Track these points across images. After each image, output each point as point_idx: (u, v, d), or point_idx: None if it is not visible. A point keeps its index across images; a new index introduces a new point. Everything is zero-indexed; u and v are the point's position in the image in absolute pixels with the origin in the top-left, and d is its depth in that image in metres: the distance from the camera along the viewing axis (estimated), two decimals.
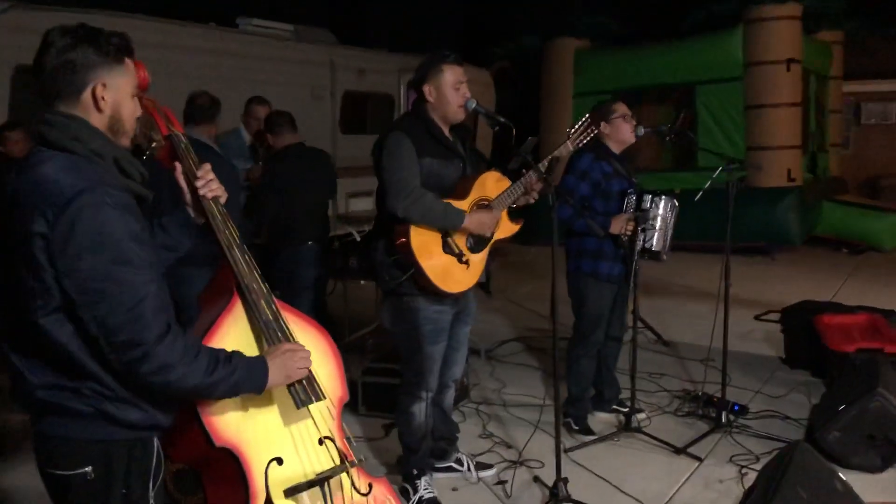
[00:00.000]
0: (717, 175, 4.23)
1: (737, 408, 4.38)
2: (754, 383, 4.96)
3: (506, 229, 3.43)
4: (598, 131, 3.80)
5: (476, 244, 3.31)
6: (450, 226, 3.19)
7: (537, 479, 3.67)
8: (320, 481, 2.05)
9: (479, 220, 3.24)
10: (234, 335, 2.00)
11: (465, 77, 3.27)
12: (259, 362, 1.90)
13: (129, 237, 1.66)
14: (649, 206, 3.98)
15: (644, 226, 3.95)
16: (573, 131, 3.53)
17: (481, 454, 3.93)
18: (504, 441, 4.13)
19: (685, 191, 4.50)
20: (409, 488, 3.43)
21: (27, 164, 1.71)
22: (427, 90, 3.25)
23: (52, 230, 1.61)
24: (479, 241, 3.33)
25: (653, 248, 4.03)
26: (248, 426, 1.97)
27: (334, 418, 2.19)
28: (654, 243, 4.02)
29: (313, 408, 2.09)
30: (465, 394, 4.76)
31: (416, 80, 3.31)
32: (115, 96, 1.78)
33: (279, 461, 2.00)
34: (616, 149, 4.16)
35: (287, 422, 2.06)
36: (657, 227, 4.01)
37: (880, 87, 14.37)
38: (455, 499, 3.52)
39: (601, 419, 4.43)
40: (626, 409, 4.28)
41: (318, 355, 2.16)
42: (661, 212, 4.02)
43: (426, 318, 3.28)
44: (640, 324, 4.63)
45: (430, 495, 3.41)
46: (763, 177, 9.59)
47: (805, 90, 10.47)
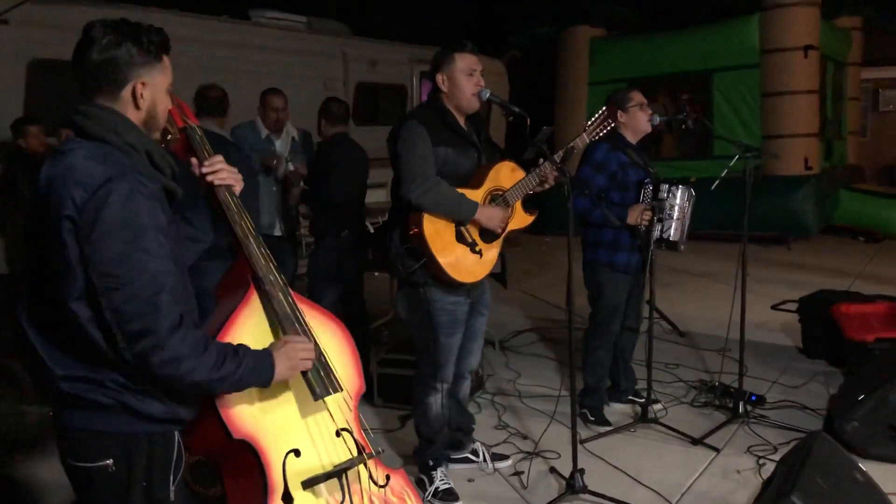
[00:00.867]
0: (735, 163, 4.18)
1: (754, 398, 4.36)
2: (772, 373, 4.93)
3: (520, 220, 3.41)
4: (614, 122, 3.77)
5: (489, 234, 3.30)
6: (462, 217, 3.18)
7: (553, 469, 3.66)
8: (338, 473, 2.05)
9: (490, 215, 3.22)
10: (250, 327, 2.00)
11: (479, 66, 3.26)
12: (265, 356, 1.89)
13: (154, 227, 1.68)
14: (666, 195, 3.95)
15: (661, 216, 3.93)
16: (589, 124, 3.50)
17: (497, 445, 3.93)
18: (520, 432, 4.13)
19: (700, 179, 4.44)
20: (426, 479, 3.44)
21: (61, 152, 1.73)
22: (440, 79, 3.24)
23: (80, 213, 1.63)
24: (493, 232, 3.31)
25: (670, 239, 4.01)
26: (265, 419, 1.98)
27: (351, 410, 2.20)
28: (672, 233, 4.00)
29: (330, 400, 2.09)
30: (480, 385, 4.76)
31: (430, 70, 3.31)
32: (153, 93, 1.81)
33: (297, 453, 2.01)
34: (632, 138, 4.12)
35: (304, 414, 2.06)
36: (674, 216, 3.98)
37: None
38: (471, 490, 3.52)
39: (617, 410, 4.42)
40: (643, 400, 4.26)
41: (334, 347, 2.16)
42: (678, 201, 3.99)
43: (442, 309, 3.28)
44: (655, 314, 4.60)
45: (447, 486, 3.41)
46: (779, 165, 9.52)
47: (822, 77, 10.35)
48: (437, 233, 3.15)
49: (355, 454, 2.12)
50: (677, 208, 3.98)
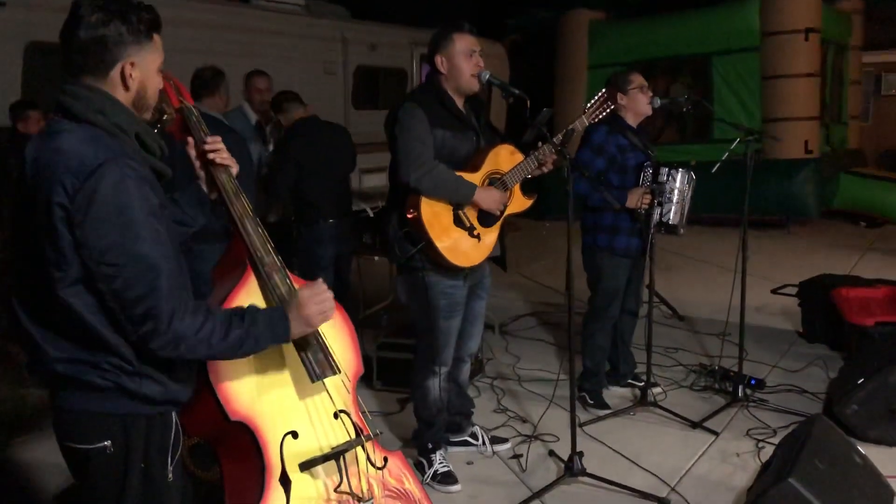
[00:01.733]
0: (735, 146, 4.16)
1: (753, 382, 4.36)
2: (771, 357, 4.93)
3: (518, 204, 3.39)
4: (614, 104, 3.75)
5: (488, 218, 3.28)
6: (460, 199, 3.17)
7: (552, 452, 3.67)
8: (336, 455, 2.05)
9: (488, 196, 3.20)
10: None
11: (478, 46, 3.23)
12: (277, 312, 1.87)
13: (147, 211, 1.66)
14: (665, 179, 3.93)
15: (660, 199, 3.91)
16: (588, 107, 3.48)
17: (496, 428, 3.93)
18: (519, 415, 4.13)
19: (700, 163, 4.42)
20: (425, 462, 3.44)
21: (47, 133, 1.70)
22: (439, 61, 3.21)
23: (73, 200, 1.60)
24: (491, 216, 3.30)
25: (669, 222, 3.99)
26: (262, 400, 1.97)
27: (349, 392, 2.19)
28: (671, 217, 3.98)
29: (328, 382, 2.08)
30: (480, 369, 4.76)
31: (428, 52, 3.28)
32: (142, 73, 1.76)
33: (294, 435, 2.00)
34: (632, 121, 4.10)
35: (302, 396, 2.06)
36: (674, 200, 3.97)
37: None
38: (470, 472, 3.53)
39: (616, 393, 4.42)
40: (642, 384, 4.27)
41: (333, 329, 2.15)
42: (677, 185, 3.97)
43: (440, 292, 3.27)
44: (655, 298, 4.59)
45: (445, 469, 3.42)
46: (780, 148, 9.44)
47: (823, 61, 10.29)
48: (434, 216, 3.13)
49: (353, 436, 2.12)
50: (677, 192, 3.96)
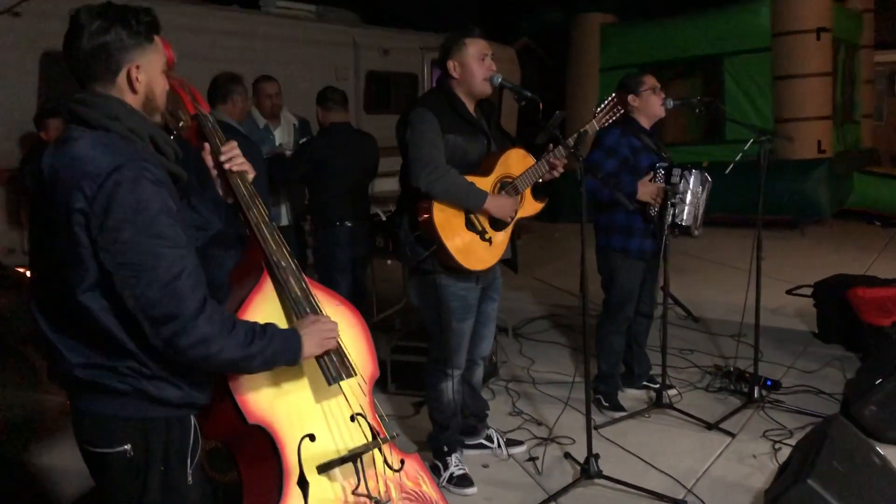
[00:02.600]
0: (749, 147, 4.14)
1: (769, 383, 4.33)
2: (787, 358, 4.91)
3: (530, 207, 3.38)
4: (625, 107, 3.74)
5: (499, 222, 3.28)
6: (471, 206, 3.17)
7: (568, 455, 3.66)
8: (353, 457, 2.05)
9: (499, 205, 3.20)
10: (264, 313, 2.00)
11: (490, 50, 3.23)
12: (292, 333, 1.91)
13: (165, 212, 1.68)
14: (678, 180, 3.92)
15: (673, 200, 3.90)
16: (599, 110, 3.47)
17: (511, 431, 3.93)
18: (534, 418, 4.13)
19: (712, 164, 4.40)
20: (440, 465, 3.44)
21: (62, 141, 1.72)
22: (451, 66, 3.22)
23: (91, 205, 1.62)
24: (502, 220, 3.30)
25: (683, 223, 3.98)
26: (280, 403, 1.98)
27: (366, 395, 2.20)
28: (685, 218, 3.96)
29: (344, 384, 2.09)
30: (494, 371, 4.76)
31: (440, 58, 3.29)
32: (148, 76, 1.80)
33: (312, 438, 2.01)
34: (645, 123, 4.09)
35: (319, 399, 2.07)
36: (687, 201, 3.95)
37: None
38: (486, 475, 3.53)
39: (631, 395, 4.41)
40: (657, 385, 4.25)
41: (348, 332, 2.16)
42: (691, 186, 3.95)
43: (453, 294, 3.27)
44: (670, 300, 4.58)
45: (461, 472, 3.42)
46: (792, 149, 9.41)
47: (835, 60, 10.24)
48: (446, 220, 3.13)
49: (370, 439, 2.12)
50: (690, 193, 3.95)
